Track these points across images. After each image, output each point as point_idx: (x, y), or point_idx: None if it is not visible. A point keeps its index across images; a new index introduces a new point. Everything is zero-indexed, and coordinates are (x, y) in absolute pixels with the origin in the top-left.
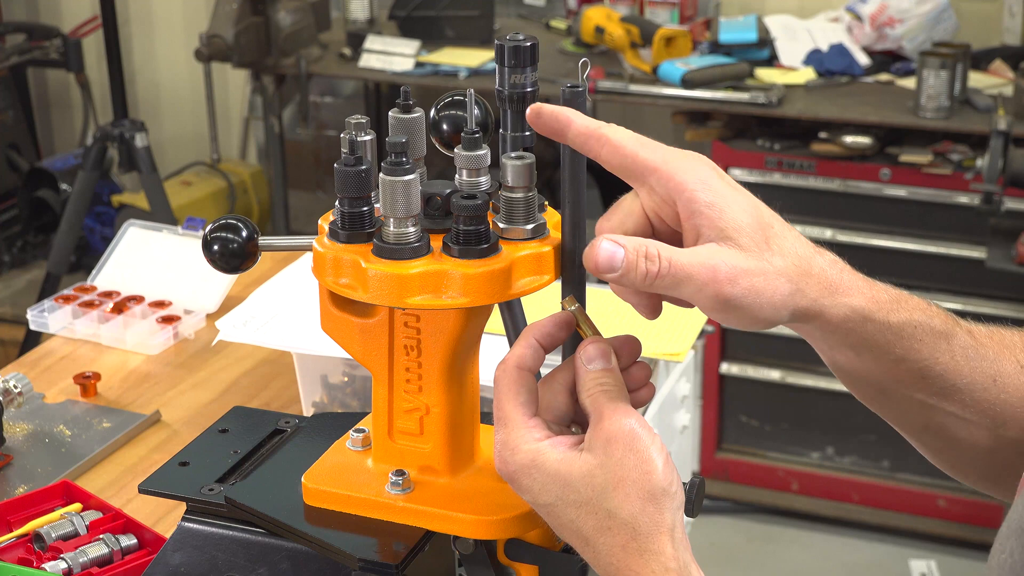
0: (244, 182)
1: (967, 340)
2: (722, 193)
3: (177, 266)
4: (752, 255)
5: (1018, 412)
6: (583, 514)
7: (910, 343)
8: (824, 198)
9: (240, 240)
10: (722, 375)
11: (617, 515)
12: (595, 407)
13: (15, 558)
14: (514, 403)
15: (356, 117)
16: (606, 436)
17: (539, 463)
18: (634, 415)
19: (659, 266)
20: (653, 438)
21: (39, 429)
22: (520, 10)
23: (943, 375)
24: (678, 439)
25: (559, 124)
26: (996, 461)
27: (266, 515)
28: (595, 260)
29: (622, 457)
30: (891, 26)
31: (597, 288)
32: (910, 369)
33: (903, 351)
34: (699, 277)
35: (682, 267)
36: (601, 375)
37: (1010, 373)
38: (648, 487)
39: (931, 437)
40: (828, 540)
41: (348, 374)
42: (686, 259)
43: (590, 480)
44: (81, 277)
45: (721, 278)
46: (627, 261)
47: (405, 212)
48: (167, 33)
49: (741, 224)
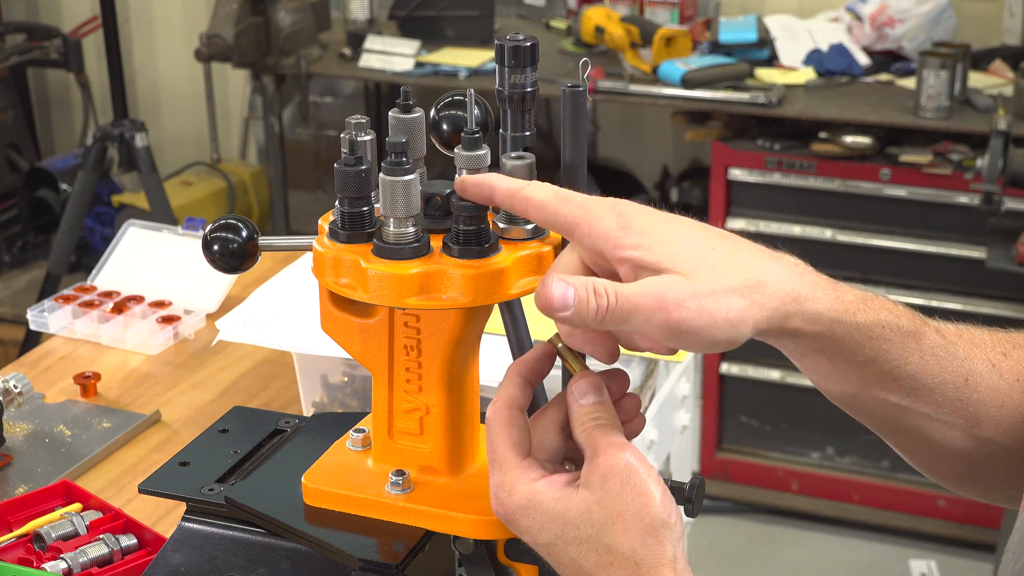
0: (244, 182)
1: (936, 339)
2: (646, 231)
3: (177, 266)
4: (695, 279)
5: (991, 411)
6: (584, 551)
7: (879, 344)
8: (824, 198)
9: (240, 240)
10: (722, 375)
11: (618, 550)
12: (589, 442)
13: (15, 558)
14: (507, 444)
15: (356, 117)
16: (602, 471)
17: (536, 503)
18: (629, 448)
19: (608, 300)
20: (649, 471)
21: (39, 429)
22: (520, 10)
23: (914, 375)
24: (678, 439)
25: (484, 189)
26: (972, 461)
27: (266, 515)
28: (548, 299)
29: (619, 491)
30: (891, 26)
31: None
32: (881, 371)
33: (872, 352)
34: (646, 306)
35: (628, 298)
36: (594, 409)
37: (981, 372)
38: (647, 520)
39: (906, 438)
40: (828, 540)
41: (348, 374)
42: (631, 291)
43: (588, 516)
44: (81, 277)
45: (668, 304)
46: (578, 298)
47: (405, 212)
48: (167, 33)
49: (675, 254)
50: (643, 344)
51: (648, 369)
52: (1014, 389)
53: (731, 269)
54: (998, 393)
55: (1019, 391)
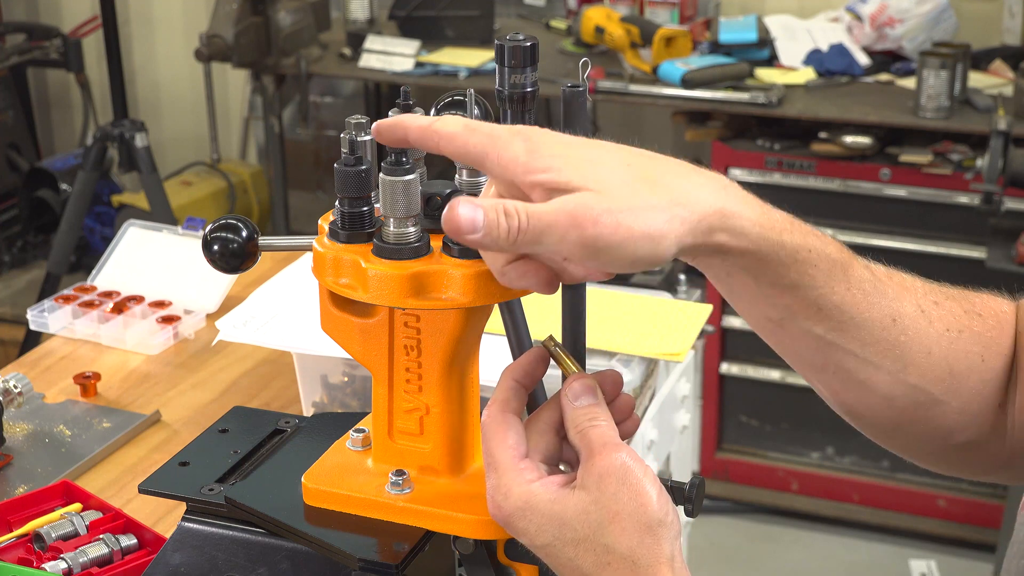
0: (244, 182)
1: (865, 274)
2: (556, 154)
3: (177, 266)
4: (611, 195)
5: (918, 357)
6: (581, 551)
7: (804, 268)
8: (824, 198)
9: (240, 240)
10: (722, 375)
11: (615, 549)
12: (585, 443)
13: (15, 558)
14: (502, 447)
15: (356, 117)
16: (598, 472)
17: (532, 505)
18: (624, 449)
19: (518, 220)
20: (645, 470)
21: (39, 429)
22: (520, 10)
23: (840, 307)
24: (678, 439)
25: (398, 131)
26: (897, 409)
27: (266, 515)
28: (456, 222)
29: (616, 491)
30: (891, 26)
31: (598, 288)
32: (806, 298)
33: (798, 276)
34: (559, 223)
35: (539, 216)
36: (589, 411)
37: (910, 314)
38: (644, 519)
39: (830, 377)
40: (828, 540)
41: (348, 374)
42: (543, 209)
43: (585, 517)
44: (81, 277)
45: (582, 220)
46: (487, 220)
47: (405, 212)
48: (167, 33)
49: (588, 174)
50: (571, 269)
51: (648, 369)
52: (943, 338)
53: (650, 185)
54: (926, 339)
55: (947, 341)
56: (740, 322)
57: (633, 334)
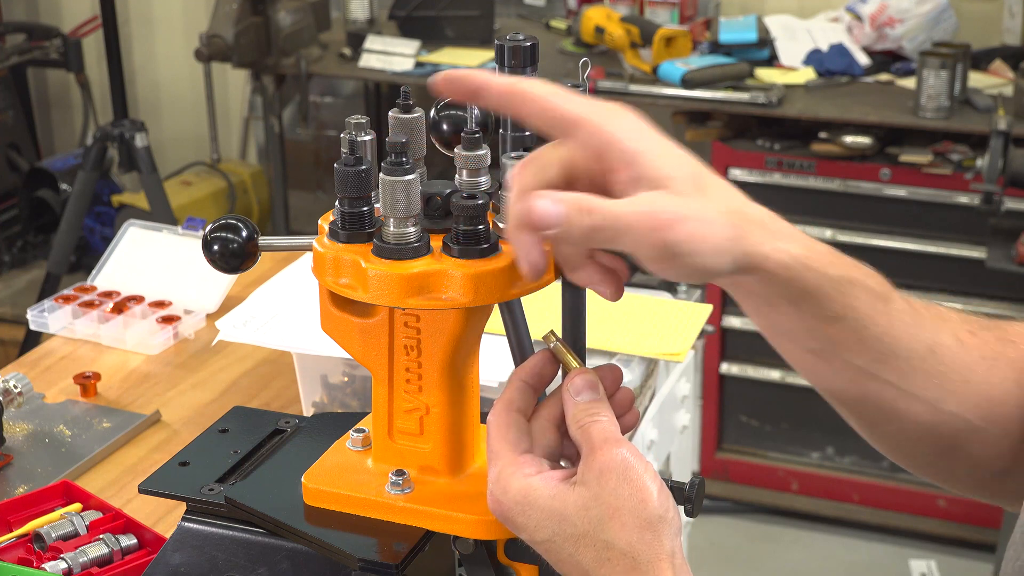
0: (244, 182)
1: (904, 306)
2: (654, 141)
3: (177, 266)
4: (690, 200)
5: (956, 385)
6: (581, 547)
7: (848, 300)
8: (824, 198)
9: (240, 240)
10: (722, 375)
11: (615, 545)
12: (586, 439)
13: (15, 558)
14: (503, 441)
15: (356, 117)
16: (599, 467)
17: (531, 499)
18: (625, 444)
19: (598, 219)
20: (646, 466)
21: (39, 429)
22: (520, 10)
23: (880, 339)
24: (678, 439)
25: (474, 86)
26: (936, 438)
27: (266, 515)
28: (530, 217)
29: (616, 487)
30: (891, 26)
31: None
32: (848, 328)
33: (841, 308)
34: (639, 225)
35: (620, 216)
36: (590, 406)
37: (948, 345)
38: (644, 515)
39: (869, 409)
40: (828, 540)
41: (348, 374)
42: (624, 208)
43: (586, 513)
44: (81, 277)
45: (661, 223)
46: (568, 217)
47: (405, 212)
48: (167, 33)
49: (675, 171)
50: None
51: (648, 369)
52: (980, 365)
53: (720, 198)
54: (964, 367)
55: (984, 368)
56: (740, 322)
57: (633, 334)
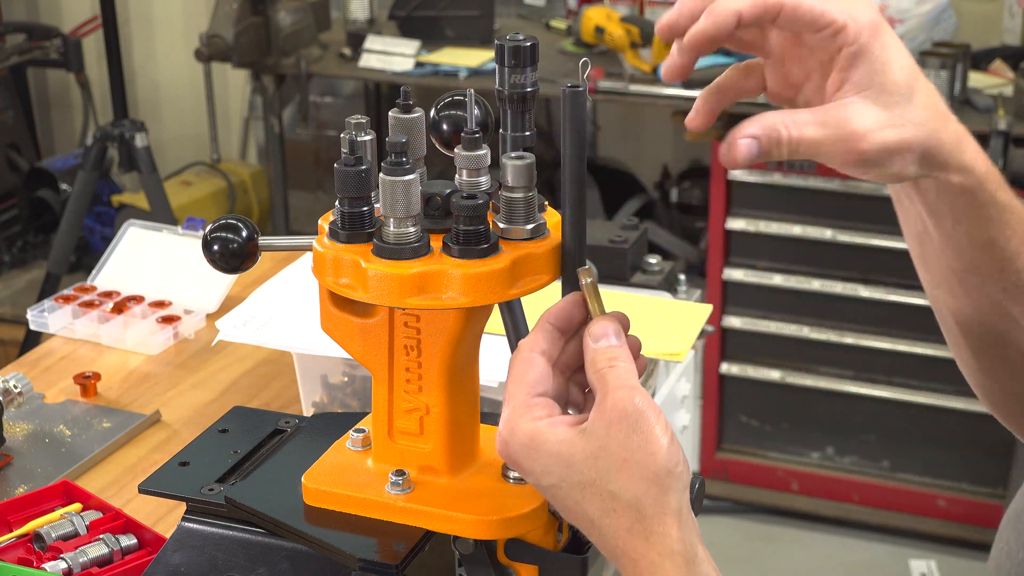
0: (244, 182)
1: None
2: (887, 44)
3: (177, 266)
4: (895, 116)
5: None
6: (587, 496)
7: (1004, 228)
8: (824, 198)
9: (240, 240)
10: (722, 375)
11: (621, 497)
12: (601, 383)
13: (15, 558)
14: (518, 383)
15: (356, 117)
16: (610, 415)
17: (538, 443)
18: (639, 392)
19: (792, 144)
20: (658, 416)
21: (39, 429)
22: (520, 10)
23: (1021, 271)
24: (678, 439)
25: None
26: None
27: (266, 515)
28: (734, 157)
29: (626, 438)
30: (891, 26)
31: (599, 288)
32: (996, 256)
33: (996, 233)
34: (829, 145)
35: (814, 143)
36: (609, 350)
37: None
38: (653, 468)
39: (990, 344)
40: (828, 540)
41: (348, 374)
42: (818, 134)
43: (594, 462)
44: (81, 277)
45: (848, 141)
46: (763, 149)
47: (405, 212)
48: (167, 33)
49: (895, 81)
50: None
51: (648, 369)
52: None
53: (926, 104)
54: None
55: None
56: (740, 322)
57: (633, 334)
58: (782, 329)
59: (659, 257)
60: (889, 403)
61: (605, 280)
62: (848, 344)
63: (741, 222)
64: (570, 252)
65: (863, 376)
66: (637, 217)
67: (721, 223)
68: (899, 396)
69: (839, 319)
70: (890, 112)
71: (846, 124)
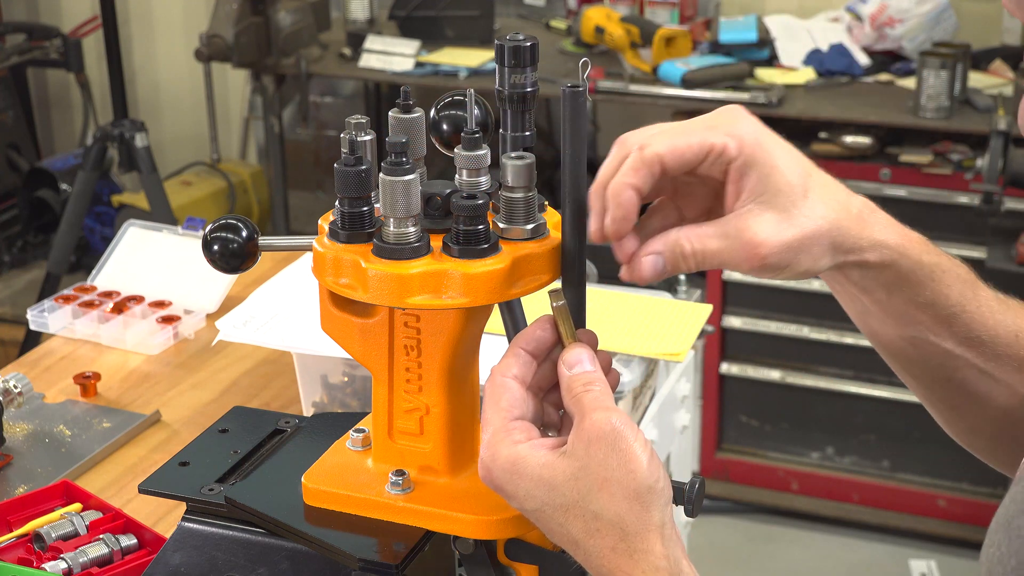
0: (244, 182)
1: (991, 294)
2: (771, 150)
3: (177, 266)
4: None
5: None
6: (570, 517)
7: (939, 287)
8: None
9: (240, 240)
10: (722, 375)
11: (603, 516)
12: (578, 407)
13: (15, 558)
14: (495, 408)
15: (356, 117)
16: (588, 435)
17: (519, 467)
18: (616, 412)
19: (698, 259)
20: (636, 434)
21: (39, 429)
22: (520, 10)
23: (969, 324)
24: (678, 439)
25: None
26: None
27: (266, 515)
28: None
29: (605, 457)
30: (891, 26)
31: (598, 288)
32: (938, 314)
33: (932, 294)
34: (735, 257)
35: (716, 253)
36: (584, 376)
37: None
38: (633, 486)
39: (952, 391)
40: (828, 540)
41: (348, 374)
42: (718, 245)
43: (574, 483)
44: (81, 277)
45: (758, 252)
46: (668, 266)
47: (405, 212)
48: (167, 33)
49: (787, 182)
50: None
51: (648, 369)
52: None
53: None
54: None
55: None
56: (740, 322)
57: (633, 334)
58: (782, 329)
59: None
60: (889, 403)
61: (605, 280)
62: (848, 344)
63: None
64: (570, 252)
65: (863, 376)
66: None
67: None
68: (899, 396)
69: (839, 319)
70: (786, 213)
71: (744, 232)
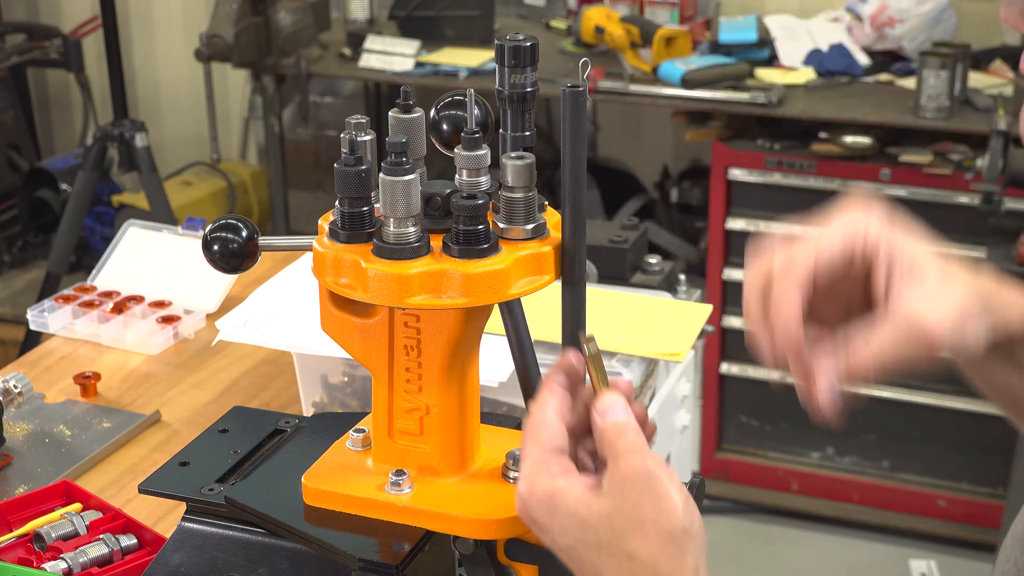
0: (244, 182)
1: None
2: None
3: (177, 266)
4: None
5: None
6: (604, 557)
7: None
8: (824, 198)
9: (240, 240)
10: (722, 375)
11: (637, 557)
12: (611, 451)
13: (15, 558)
14: (534, 441)
15: (356, 117)
16: (623, 477)
17: (556, 501)
18: (651, 455)
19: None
20: (671, 476)
21: (39, 429)
22: (520, 10)
23: None
24: (678, 439)
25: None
26: None
27: (266, 515)
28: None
29: (639, 498)
30: (891, 26)
31: (598, 288)
32: None
33: None
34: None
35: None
36: (617, 425)
37: None
38: (668, 528)
39: None
40: (828, 540)
41: (348, 374)
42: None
43: (609, 523)
44: (81, 277)
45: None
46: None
47: (405, 212)
48: (167, 33)
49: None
50: None
51: (648, 369)
52: None
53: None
54: None
55: None
56: (740, 322)
57: (633, 334)
58: None
59: (659, 257)
60: (889, 403)
61: (605, 280)
62: None
63: (741, 222)
64: (570, 252)
65: None
66: (637, 217)
67: (721, 223)
68: (899, 396)
69: None
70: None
71: (920, 331)
